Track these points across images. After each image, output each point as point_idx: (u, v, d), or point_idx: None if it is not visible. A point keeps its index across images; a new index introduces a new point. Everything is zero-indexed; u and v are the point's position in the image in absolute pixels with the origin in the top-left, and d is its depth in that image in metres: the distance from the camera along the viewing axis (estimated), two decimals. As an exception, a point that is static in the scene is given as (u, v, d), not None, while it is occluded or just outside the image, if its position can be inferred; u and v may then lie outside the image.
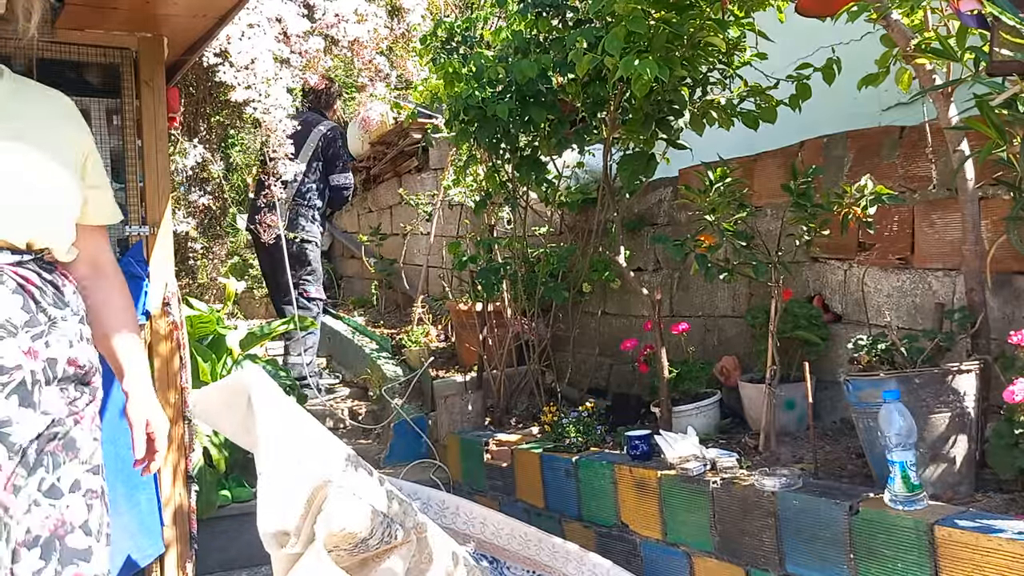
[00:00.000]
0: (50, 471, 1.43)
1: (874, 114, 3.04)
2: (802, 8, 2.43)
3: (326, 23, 3.71)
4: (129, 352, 1.65)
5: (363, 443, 4.11)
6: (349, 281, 6.86)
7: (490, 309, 3.87)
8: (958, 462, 2.02)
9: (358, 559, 1.90)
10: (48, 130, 1.52)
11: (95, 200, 1.63)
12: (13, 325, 1.38)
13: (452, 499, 2.88)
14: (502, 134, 3.31)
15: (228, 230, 5.40)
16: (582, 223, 3.92)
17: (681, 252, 2.66)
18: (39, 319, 1.43)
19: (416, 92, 4.01)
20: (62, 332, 1.46)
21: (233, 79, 3.42)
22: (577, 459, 2.88)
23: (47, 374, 1.42)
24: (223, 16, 2.55)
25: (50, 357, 1.43)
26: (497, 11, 3.62)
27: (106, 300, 1.66)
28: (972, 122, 1.95)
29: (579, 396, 3.59)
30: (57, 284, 1.50)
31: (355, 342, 5.01)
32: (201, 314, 3.38)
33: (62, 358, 1.46)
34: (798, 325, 2.72)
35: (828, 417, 2.80)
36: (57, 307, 1.47)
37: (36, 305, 1.43)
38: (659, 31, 2.58)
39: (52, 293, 1.48)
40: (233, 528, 3.13)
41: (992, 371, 2.12)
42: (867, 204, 2.29)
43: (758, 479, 2.24)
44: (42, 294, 1.45)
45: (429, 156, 5.51)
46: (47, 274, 1.49)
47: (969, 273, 2.21)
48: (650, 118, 3.00)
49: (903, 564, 1.88)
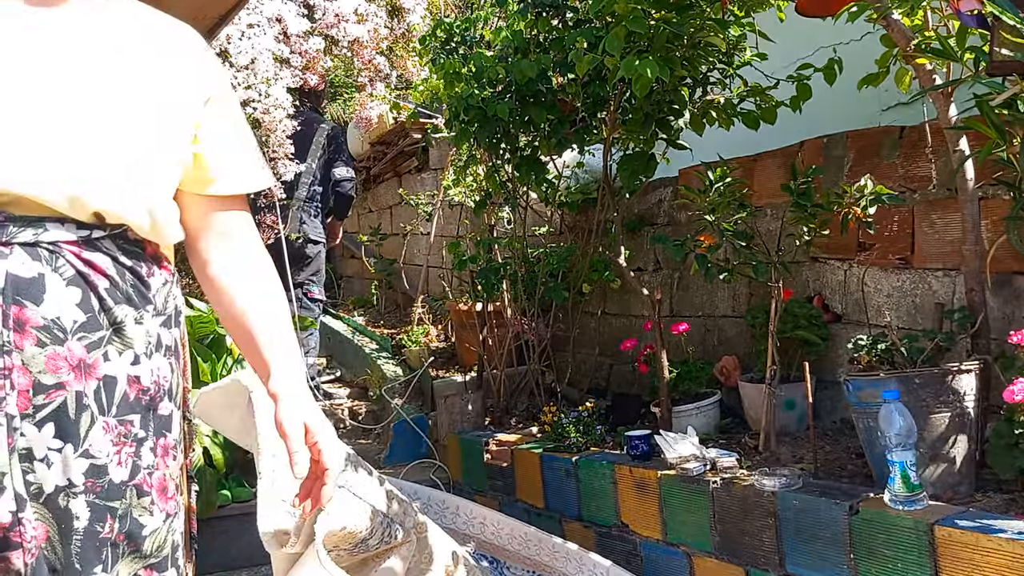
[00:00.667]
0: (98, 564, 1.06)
1: (874, 114, 3.04)
2: (802, 8, 2.44)
3: (326, 23, 3.71)
4: (273, 339, 1.23)
5: (363, 443, 4.11)
6: (349, 281, 6.86)
7: (490, 309, 3.87)
8: (958, 462, 2.02)
9: (358, 559, 1.90)
10: (143, 58, 1.15)
11: (217, 160, 1.22)
12: (62, 328, 1.04)
13: (452, 499, 2.88)
14: (502, 134, 3.31)
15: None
16: (582, 223, 3.92)
17: (681, 252, 2.66)
18: (100, 321, 1.08)
19: (416, 92, 4.01)
20: (129, 338, 1.11)
21: (233, 79, 3.42)
22: (577, 459, 2.88)
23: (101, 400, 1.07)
24: (223, 16, 2.55)
25: (108, 375, 1.08)
26: (497, 11, 3.62)
27: (231, 267, 1.24)
28: (972, 122, 1.95)
29: (579, 396, 3.59)
30: (140, 272, 1.14)
31: (355, 342, 5.01)
32: (201, 314, 3.38)
33: (122, 376, 1.10)
34: (798, 325, 2.72)
35: (828, 417, 2.80)
36: (132, 303, 1.11)
37: (100, 302, 1.08)
38: (659, 31, 2.58)
39: (130, 284, 1.12)
40: (233, 528, 3.12)
41: (992, 371, 2.12)
42: (867, 204, 2.29)
43: (758, 479, 2.24)
44: (112, 287, 1.09)
45: (429, 156, 5.51)
46: (127, 258, 1.12)
47: (969, 273, 2.21)
48: (650, 118, 3.00)
49: (903, 564, 1.88)
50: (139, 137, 1.11)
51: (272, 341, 1.23)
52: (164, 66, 1.17)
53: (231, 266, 1.25)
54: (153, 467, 1.14)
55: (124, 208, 1.10)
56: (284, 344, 1.24)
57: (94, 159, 1.07)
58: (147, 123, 1.12)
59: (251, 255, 1.27)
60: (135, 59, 1.14)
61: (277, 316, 1.26)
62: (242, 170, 1.27)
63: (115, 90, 1.10)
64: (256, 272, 1.26)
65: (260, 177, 1.30)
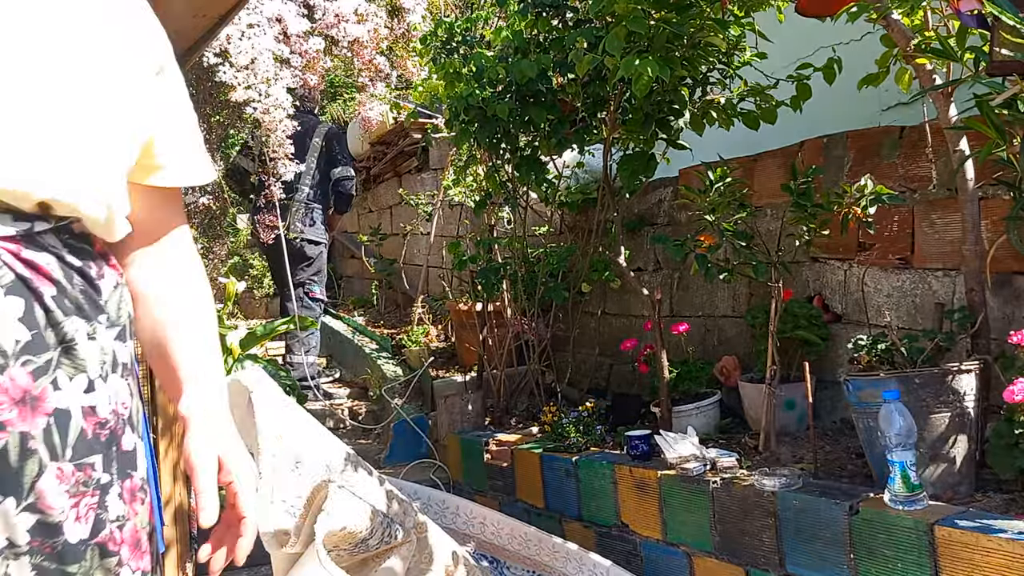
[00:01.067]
0: None
1: (874, 114, 3.04)
2: (802, 8, 2.43)
3: (326, 23, 3.71)
4: (192, 355, 1.05)
5: (363, 443, 4.11)
6: (349, 281, 6.86)
7: (490, 309, 3.87)
8: (958, 462, 2.02)
9: (358, 559, 1.90)
10: (90, 22, 0.95)
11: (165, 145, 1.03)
12: (1, 351, 0.82)
13: (452, 499, 2.89)
14: (502, 134, 3.31)
15: (228, 230, 5.41)
16: (582, 223, 3.92)
17: (681, 252, 2.66)
18: (47, 339, 0.86)
19: (416, 92, 4.01)
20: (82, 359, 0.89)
21: (233, 79, 3.42)
22: (577, 459, 2.88)
23: (52, 441, 0.85)
24: (223, 16, 2.55)
25: (59, 409, 0.86)
26: (497, 11, 3.62)
27: (158, 272, 1.06)
28: (972, 122, 1.95)
29: (579, 396, 3.59)
30: (89, 274, 0.93)
31: (355, 342, 5.01)
32: (201, 314, 3.37)
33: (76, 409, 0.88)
34: (798, 325, 2.72)
35: (828, 417, 2.80)
36: (83, 314, 0.90)
37: (47, 315, 0.86)
38: (659, 31, 2.58)
39: (80, 290, 0.91)
40: (233, 528, 3.12)
41: (992, 371, 2.12)
42: (867, 204, 2.29)
43: (758, 479, 2.24)
44: (60, 294, 0.88)
45: (429, 156, 5.52)
46: (74, 256, 0.92)
47: (969, 273, 2.21)
48: (650, 118, 3.00)
49: (903, 564, 1.88)
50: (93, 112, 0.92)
51: (191, 357, 1.05)
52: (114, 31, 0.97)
53: (158, 271, 1.07)
54: (123, 518, 0.93)
55: (78, 197, 0.89)
56: (205, 363, 1.06)
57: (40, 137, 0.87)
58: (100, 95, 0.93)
59: (182, 259, 1.10)
60: (81, 23, 0.94)
61: (201, 330, 1.08)
62: (190, 159, 1.08)
63: (60, 57, 0.91)
64: (185, 280, 1.09)
65: (207, 169, 1.10)
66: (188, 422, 1.00)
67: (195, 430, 1.00)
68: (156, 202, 1.06)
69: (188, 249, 1.11)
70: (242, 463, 1.02)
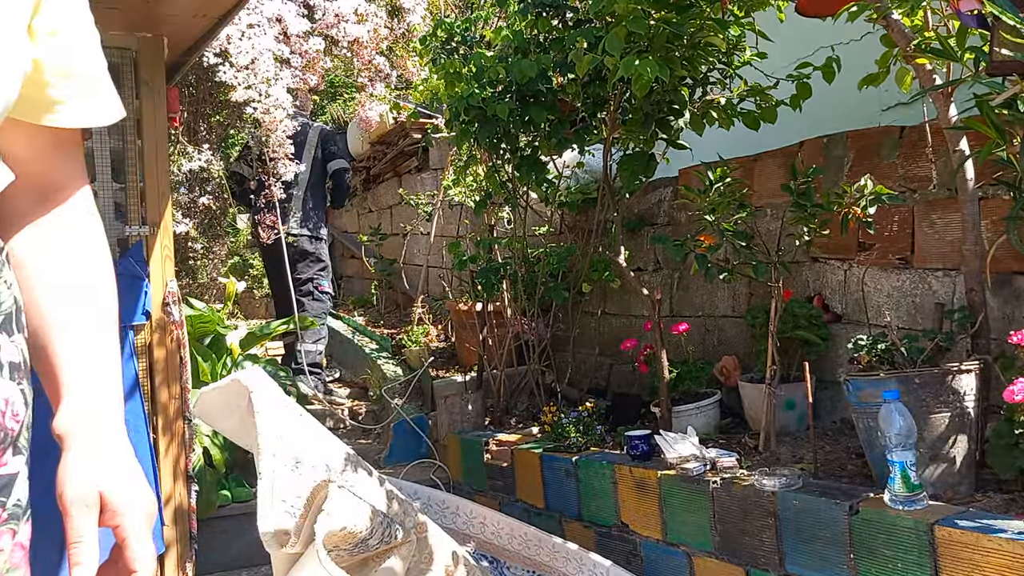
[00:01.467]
0: None
1: (874, 114, 3.04)
2: (802, 8, 2.43)
3: (326, 23, 3.71)
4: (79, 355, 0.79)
5: (363, 443, 4.11)
6: (349, 281, 6.87)
7: (490, 309, 3.87)
8: (958, 462, 2.02)
9: (358, 559, 1.90)
10: None
11: (65, 72, 0.79)
12: None
13: (452, 499, 2.89)
14: (502, 134, 3.31)
15: (228, 230, 5.41)
16: (582, 223, 3.93)
17: (681, 252, 2.66)
18: None
19: (416, 92, 4.02)
20: None
21: (233, 79, 3.42)
22: (577, 459, 2.88)
23: None
24: (223, 16, 2.55)
25: None
26: (497, 11, 3.62)
27: (43, 238, 0.81)
28: (972, 122, 1.95)
29: (579, 396, 3.59)
30: None
31: (355, 342, 5.01)
32: (201, 314, 3.38)
33: None
34: (798, 325, 2.72)
35: (828, 417, 2.80)
36: None
37: None
38: (659, 31, 2.58)
39: None
40: (233, 528, 3.13)
41: (992, 371, 2.12)
42: (867, 204, 2.29)
43: (758, 479, 2.24)
44: None
45: (429, 156, 5.52)
46: None
47: (969, 273, 2.21)
48: (650, 118, 3.00)
49: (903, 564, 1.88)
50: None
51: (74, 356, 0.78)
52: None
53: (42, 237, 0.81)
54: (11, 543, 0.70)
55: None
56: (94, 365, 0.79)
57: None
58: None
59: (76, 225, 0.84)
60: None
61: (90, 321, 0.80)
62: (95, 92, 0.83)
63: None
64: (77, 252, 0.83)
65: (116, 104, 0.86)
66: (63, 444, 0.76)
67: (72, 456, 0.75)
68: (47, 146, 0.82)
69: (86, 215, 0.86)
70: (135, 496, 0.76)
